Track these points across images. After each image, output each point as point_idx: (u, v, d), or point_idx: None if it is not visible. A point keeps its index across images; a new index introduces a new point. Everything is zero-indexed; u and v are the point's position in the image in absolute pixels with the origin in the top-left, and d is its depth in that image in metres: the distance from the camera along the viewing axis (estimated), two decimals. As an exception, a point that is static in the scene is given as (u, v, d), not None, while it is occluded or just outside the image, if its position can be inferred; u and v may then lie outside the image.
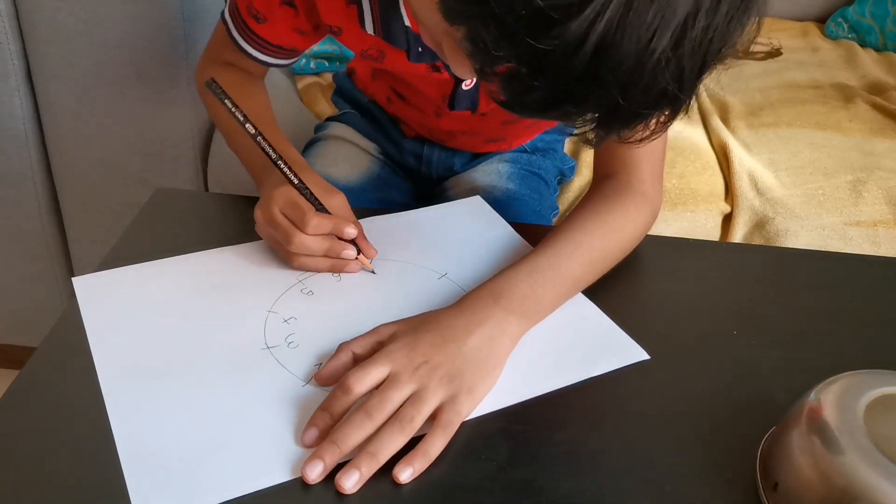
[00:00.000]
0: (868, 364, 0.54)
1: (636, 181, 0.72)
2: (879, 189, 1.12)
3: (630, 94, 0.42)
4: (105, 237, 1.22)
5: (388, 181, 0.94)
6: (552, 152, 1.00)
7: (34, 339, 1.34)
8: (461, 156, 0.95)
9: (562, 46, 0.40)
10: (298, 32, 0.76)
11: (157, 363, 0.57)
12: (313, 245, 0.65)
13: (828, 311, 0.69)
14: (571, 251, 0.64)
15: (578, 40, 0.39)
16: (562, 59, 0.40)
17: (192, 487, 0.48)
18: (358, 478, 0.49)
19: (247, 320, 0.62)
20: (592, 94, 0.42)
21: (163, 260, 0.68)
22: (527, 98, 0.44)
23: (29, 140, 1.15)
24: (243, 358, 0.58)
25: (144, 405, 0.54)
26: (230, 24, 0.77)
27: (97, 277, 0.65)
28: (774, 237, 1.08)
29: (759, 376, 0.61)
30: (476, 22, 0.42)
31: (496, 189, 0.90)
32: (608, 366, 0.59)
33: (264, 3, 0.74)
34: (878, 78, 1.45)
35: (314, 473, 0.49)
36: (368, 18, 0.71)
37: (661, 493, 0.51)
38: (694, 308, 0.69)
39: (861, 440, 0.46)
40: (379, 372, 0.54)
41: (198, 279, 0.66)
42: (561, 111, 0.44)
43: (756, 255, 0.81)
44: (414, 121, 0.94)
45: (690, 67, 0.42)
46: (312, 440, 0.51)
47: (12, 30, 1.06)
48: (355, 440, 0.51)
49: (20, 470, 0.49)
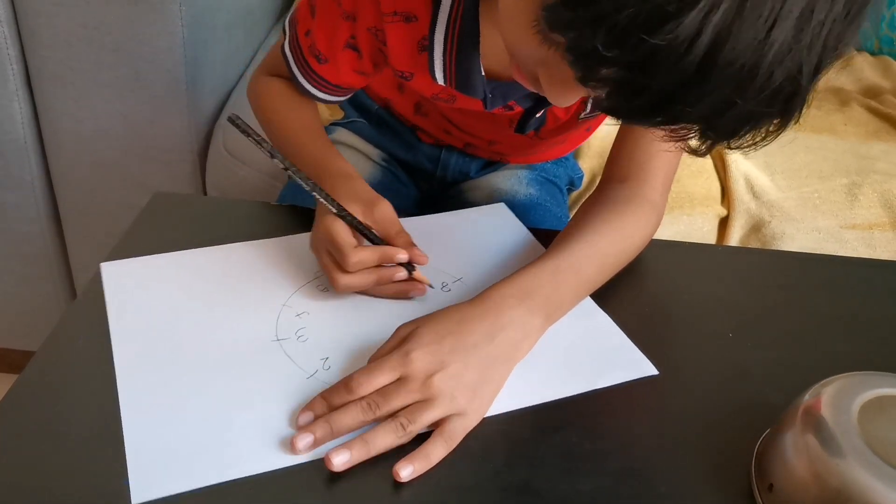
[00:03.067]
0: (863, 366, 0.54)
1: (648, 189, 0.71)
2: (875, 192, 1.12)
3: (746, 91, 0.40)
4: (104, 240, 1.22)
5: (391, 188, 0.94)
6: (564, 160, 1.00)
7: (33, 343, 1.35)
8: (477, 162, 0.95)
9: (677, 41, 0.38)
10: (359, 73, 0.75)
11: (170, 348, 0.59)
12: (358, 282, 0.63)
13: (823, 313, 0.69)
14: (588, 254, 0.64)
15: (694, 33, 0.37)
16: (676, 55, 0.38)
17: (189, 468, 0.50)
18: (348, 458, 0.50)
19: (261, 312, 0.63)
20: (706, 92, 0.40)
21: (188, 251, 0.69)
22: (636, 102, 0.42)
23: (28, 144, 1.15)
24: (254, 348, 0.60)
25: (154, 388, 0.56)
26: (290, 58, 0.76)
27: (124, 264, 0.67)
28: (770, 240, 1.09)
29: (755, 378, 0.61)
30: (584, 26, 0.40)
31: (518, 193, 0.91)
32: (615, 378, 0.59)
33: (327, 45, 0.72)
34: (874, 81, 1.45)
35: (302, 443, 0.51)
36: (439, 69, 0.69)
37: (656, 494, 0.51)
38: (689, 310, 0.69)
39: (855, 441, 0.46)
40: (387, 377, 0.54)
41: (220, 270, 0.68)
42: (672, 113, 0.42)
43: (752, 258, 0.82)
44: (445, 135, 0.92)
45: (808, 63, 0.40)
46: (306, 422, 0.52)
47: (11, 34, 1.06)
48: (348, 424, 0.52)
49: (19, 474, 0.49)
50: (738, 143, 0.45)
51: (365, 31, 0.69)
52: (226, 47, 1.18)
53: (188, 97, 1.10)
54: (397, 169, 0.96)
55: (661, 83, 0.40)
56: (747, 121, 0.43)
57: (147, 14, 1.03)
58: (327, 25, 0.70)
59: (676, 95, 0.40)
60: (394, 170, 0.96)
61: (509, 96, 0.72)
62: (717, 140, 0.45)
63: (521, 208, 0.88)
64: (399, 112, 0.93)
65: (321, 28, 0.71)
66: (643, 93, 0.41)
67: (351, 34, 0.70)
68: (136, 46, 1.05)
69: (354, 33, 0.69)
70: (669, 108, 0.41)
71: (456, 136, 0.90)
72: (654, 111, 0.42)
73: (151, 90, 1.09)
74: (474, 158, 0.95)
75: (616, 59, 0.40)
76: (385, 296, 0.65)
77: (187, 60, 1.07)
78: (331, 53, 0.72)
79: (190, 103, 1.11)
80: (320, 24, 0.71)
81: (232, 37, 1.19)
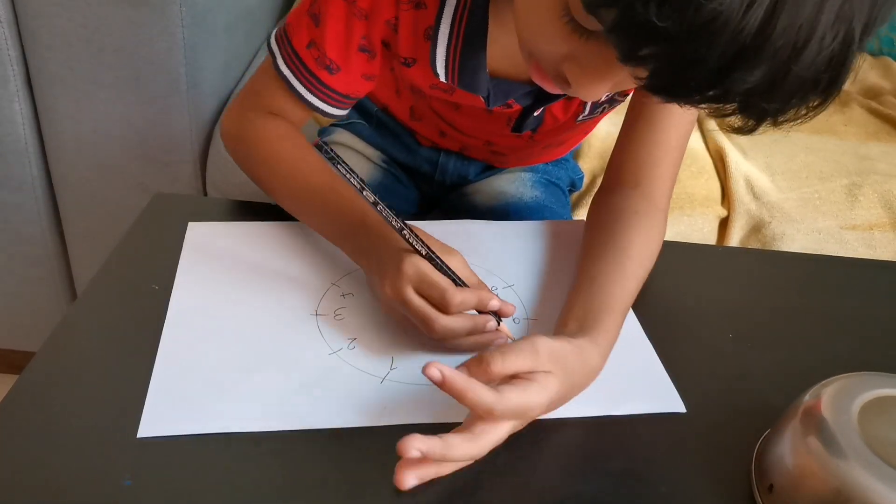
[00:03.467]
0: (863, 366, 0.54)
1: (659, 194, 0.71)
2: (875, 192, 1.12)
3: (802, 56, 0.38)
4: (104, 242, 1.22)
5: (392, 189, 0.94)
6: (565, 162, 1.00)
7: (33, 344, 1.35)
8: (476, 165, 0.95)
9: (735, 4, 0.36)
10: (366, 78, 0.73)
11: (219, 307, 0.63)
12: (458, 326, 0.58)
13: (823, 313, 0.69)
14: (630, 286, 0.63)
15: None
16: (735, 20, 0.37)
17: (196, 415, 0.53)
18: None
19: (311, 287, 0.67)
20: (763, 59, 0.38)
21: (267, 223, 0.74)
22: (688, 76, 0.40)
23: (28, 145, 1.16)
24: (291, 318, 0.63)
25: (193, 340, 0.60)
26: (289, 76, 0.71)
27: (206, 226, 0.73)
28: (771, 241, 1.09)
29: (755, 378, 0.61)
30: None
31: (525, 196, 0.90)
32: (640, 409, 0.58)
33: (340, 51, 0.69)
34: (874, 82, 1.45)
35: (408, 484, 0.49)
36: (441, 64, 0.68)
37: (656, 494, 0.51)
38: (690, 311, 0.69)
39: (855, 442, 0.46)
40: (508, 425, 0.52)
41: (288, 243, 0.72)
42: (725, 86, 0.40)
43: (752, 258, 0.82)
44: (441, 137, 0.92)
45: (859, 22, 0.39)
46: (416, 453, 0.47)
47: (12, 35, 1.06)
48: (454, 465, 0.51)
49: (18, 474, 0.49)
50: (784, 117, 0.44)
51: (383, 24, 0.68)
52: (226, 48, 1.18)
53: (189, 98, 1.10)
54: (398, 171, 0.96)
55: (717, 53, 0.38)
56: (798, 91, 0.41)
57: (147, 15, 1.03)
58: (338, 30, 0.68)
59: (732, 65, 0.39)
60: (394, 171, 0.96)
61: (511, 94, 0.72)
62: (765, 115, 0.43)
63: (529, 211, 0.88)
64: (397, 115, 0.94)
65: (331, 34, 0.69)
66: (697, 66, 0.39)
67: (364, 34, 0.69)
68: (137, 48, 1.05)
69: (367, 32, 0.68)
70: (723, 80, 0.40)
71: (452, 139, 0.90)
72: (708, 85, 0.40)
73: (152, 91, 1.09)
74: (472, 162, 0.95)
75: (669, 31, 0.38)
76: (465, 348, 0.59)
77: (188, 61, 1.07)
78: (343, 60, 0.70)
79: (190, 104, 1.11)
80: (331, 31, 0.69)
81: (232, 38, 1.19)
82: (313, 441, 0.53)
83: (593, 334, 0.57)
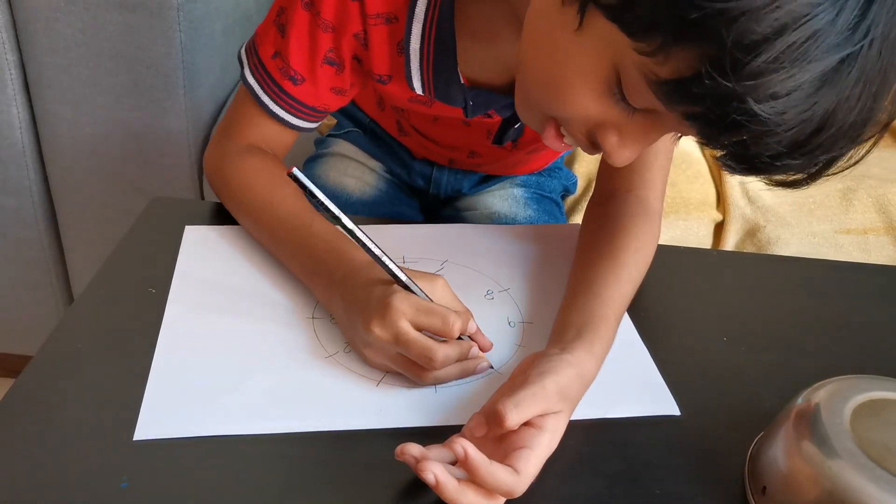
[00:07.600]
0: (856, 369, 0.54)
1: (652, 198, 0.72)
2: (869, 197, 1.13)
3: (854, 141, 0.45)
4: (101, 246, 1.22)
5: (397, 197, 0.94)
6: (557, 171, 1.00)
7: (30, 348, 1.35)
8: (470, 178, 0.95)
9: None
10: (336, 92, 0.72)
11: (217, 309, 0.64)
12: (454, 353, 0.56)
13: (817, 317, 0.70)
14: (625, 291, 0.63)
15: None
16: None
17: (193, 417, 0.54)
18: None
19: (307, 291, 0.66)
20: (821, 148, 0.44)
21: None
22: (760, 152, 0.44)
23: (26, 149, 1.16)
24: (288, 321, 0.63)
25: (190, 341, 0.60)
26: (255, 87, 0.71)
27: (203, 230, 0.73)
28: (766, 245, 1.09)
29: (749, 381, 0.61)
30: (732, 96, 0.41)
31: (518, 216, 0.91)
32: (634, 411, 0.58)
33: (305, 63, 0.69)
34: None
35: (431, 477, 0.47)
36: (416, 77, 0.68)
37: (650, 496, 0.51)
38: (684, 314, 0.70)
39: (848, 444, 0.46)
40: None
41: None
42: (787, 167, 0.45)
43: (747, 262, 0.82)
44: (427, 151, 0.92)
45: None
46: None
47: (10, 39, 1.07)
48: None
49: (15, 478, 0.49)
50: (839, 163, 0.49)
51: (351, 37, 0.67)
52: (223, 53, 1.18)
53: (186, 103, 1.11)
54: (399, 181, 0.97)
55: (787, 139, 0.42)
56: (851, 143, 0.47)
57: (145, 20, 1.03)
58: (304, 41, 0.68)
59: (793, 152, 0.43)
60: (396, 181, 0.96)
61: (491, 105, 0.71)
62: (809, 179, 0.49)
63: None
64: (387, 130, 0.93)
65: (296, 46, 0.68)
66: (768, 147, 0.43)
67: (330, 47, 0.68)
68: (135, 52, 1.05)
69: (335, 45, 0.68)
70: (786, 160, 0.44)
71: (437, 153, 0.90)
72: (775, 163, 0.45)
73: (149, 96, 1.09)
74: (466, 175, 0.95)
75: (765, 121, 0.41)
76: (452, 377, 0.58)
77: (185, 66, 1.07)
78: (308, 72, 0.69)
79: (188, 109, 1.11)
80: (295, 42, 0.68)
81: (230, 43, 1.20)
82: (309, 444, 0.53)
83: (590, 342, 0.57)
